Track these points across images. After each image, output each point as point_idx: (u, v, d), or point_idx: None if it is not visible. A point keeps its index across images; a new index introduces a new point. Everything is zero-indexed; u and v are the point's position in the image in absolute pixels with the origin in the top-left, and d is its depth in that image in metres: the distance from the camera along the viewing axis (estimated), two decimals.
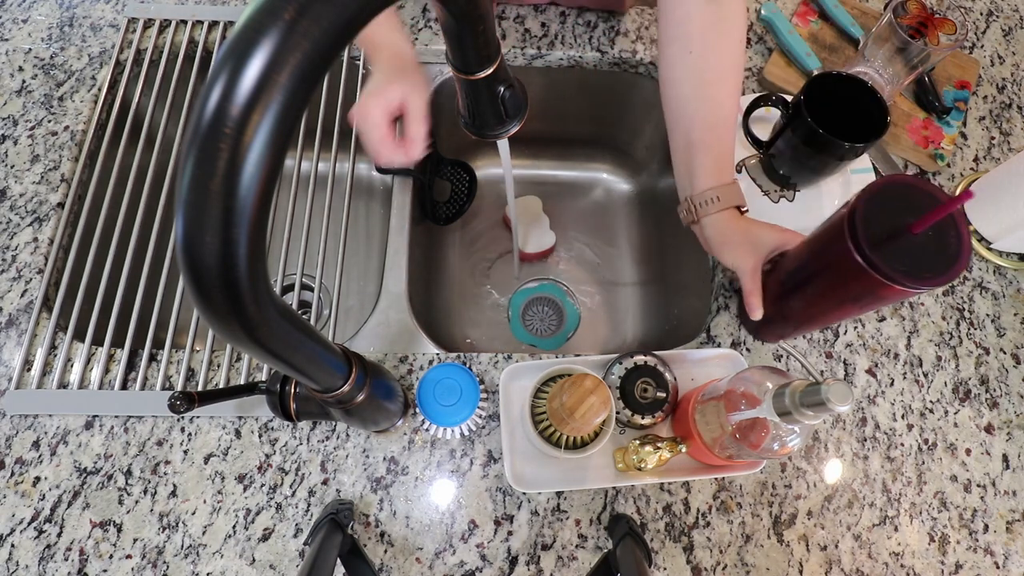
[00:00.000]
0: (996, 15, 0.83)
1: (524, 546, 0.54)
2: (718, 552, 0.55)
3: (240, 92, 0.18)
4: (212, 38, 0.77)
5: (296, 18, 0.19)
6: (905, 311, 0.65)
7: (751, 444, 0.43)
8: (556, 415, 0.47)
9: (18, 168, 0.67)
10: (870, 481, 0.58)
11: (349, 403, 0.40)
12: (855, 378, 0.62)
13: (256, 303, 0.23)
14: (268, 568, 0.52)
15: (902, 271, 0.41)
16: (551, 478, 0.55)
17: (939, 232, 0.43)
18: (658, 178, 0.92)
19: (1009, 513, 0.58)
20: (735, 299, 0.65)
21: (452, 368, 0.55)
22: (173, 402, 0.38)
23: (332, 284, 0.67)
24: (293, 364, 0.29)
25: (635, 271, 0.92)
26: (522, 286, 0.90)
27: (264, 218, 0.21)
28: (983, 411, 0.61)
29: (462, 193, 0.80)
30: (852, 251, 0.43)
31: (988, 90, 0.77)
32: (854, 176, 0.70)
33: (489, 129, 0.44)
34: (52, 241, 0.64)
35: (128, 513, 0.53)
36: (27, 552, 0.52)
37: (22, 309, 0.61)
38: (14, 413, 0.56)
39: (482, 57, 0.37)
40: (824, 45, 0.77)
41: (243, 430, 0.56)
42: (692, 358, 0.59)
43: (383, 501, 0.55)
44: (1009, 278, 0.68)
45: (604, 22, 0.79)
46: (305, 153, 0.85)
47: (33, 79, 0.72)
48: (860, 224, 0.42)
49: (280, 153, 0.20)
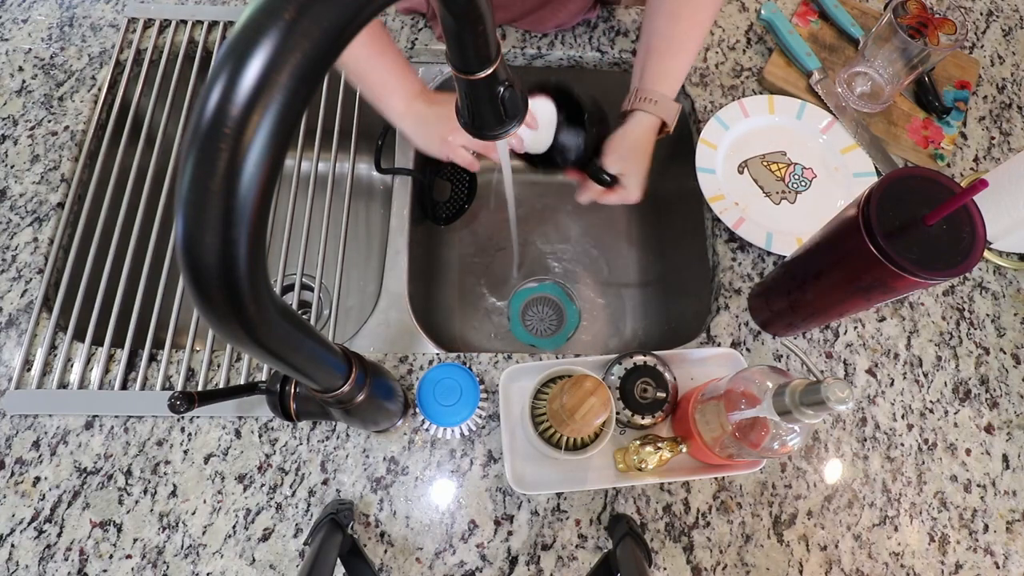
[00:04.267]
0: (996, 15, 0.83)
1: (524, 546, 0.54)
2: (718, 552, 0.55)
3: (240, 92, 0.18)
4: (212, 38, 0.77)
5: (296, 18, 0.19)
6: (905, 311, 0.65)
7: (751, 443, 0.44)
8: (556, 416, 0.47)
9: (18, 168, 0.67)
10: (870, 481, 0.58)
11: (349, 403, 0.40)
12: (855, 378, 0.62)
13: (256, 303, 0.23)
14: (268, 568, 0.52)
15: (915, 262, 0.42)
16: (551, 479, 0.55)
17: (953, 225, 0.43)
18: (658, 178, 0.92)
19: (1009, 513, 0.58)
20: (735, 299, 0.65)
21: (452, 368, 0.55)
22: (173, 402, 0.38)
23: (332, 284, 0.67)
24: (293, 364, 0.29)
25: (635, 271, 0.92)
26: (522, 286, 0.90)
27: (264, 218, 0.21)
28: (983, 411, 0.61)
29: (462, 193, 0.80)
30: (866, 241, 0.43)
31: (988, 90, 0.77)
32: (856, 179, 0.70)
33: (488, 129, 0.44)
34: (52, 241, 0.64)
35: (128, 513, 0.53)
36: (27, 552, 0.52)
37: (22, 309, 0.61)
38: (14, 413, 0.56)
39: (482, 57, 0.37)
40: (824, 45, 0.77)
41: (243, 430, 0.56)
42: (692, 358, 0.59)
43: (383, 501, 0.55)
44: (1009, 278, 0.68)
45: (604, 22, 0.79)
46: (305, 153, 0.85)
47: (33, 79, 0.72)
48: (874, 215, 0.43)
49: (280, 153, 0.20)
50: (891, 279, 0.44)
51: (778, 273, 0.60)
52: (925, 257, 0.42)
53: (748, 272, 0.66)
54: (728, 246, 0.67)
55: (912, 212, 0.43)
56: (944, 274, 0.42)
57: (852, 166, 0.70)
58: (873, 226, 0.43)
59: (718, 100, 0.75)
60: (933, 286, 0.58)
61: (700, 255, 0.71)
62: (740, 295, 0.65)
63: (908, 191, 0.44)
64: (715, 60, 0.77)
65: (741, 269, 0.66)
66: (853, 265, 0.46)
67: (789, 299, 0.57)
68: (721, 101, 0.75)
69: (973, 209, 0.44)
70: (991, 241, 0.68)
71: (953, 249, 0.43)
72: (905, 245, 0.42)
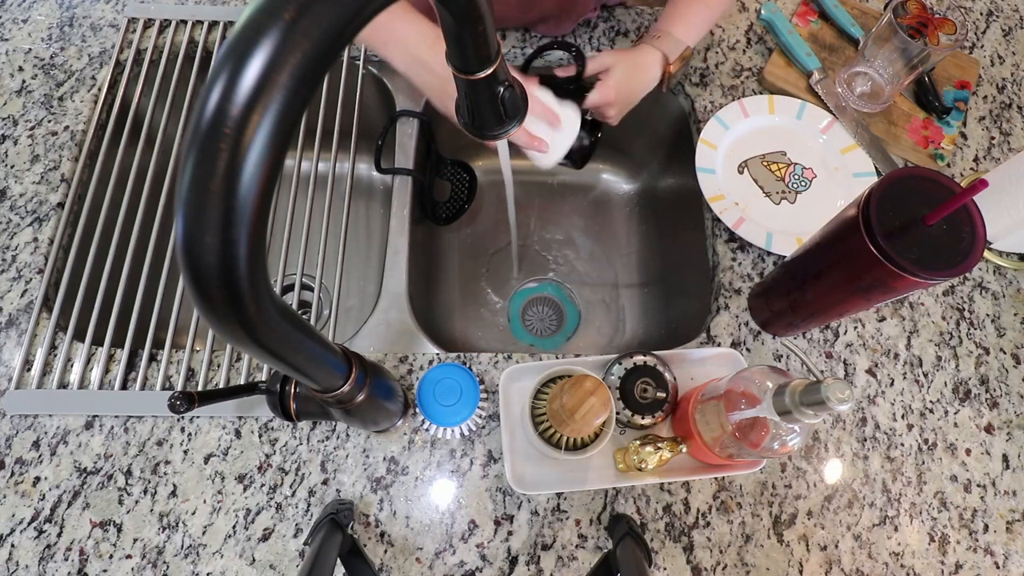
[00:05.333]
0: (996, 15, 0.83)
1: (524, 546, 0.54)
2: (718, 552, 0.55)
3: (240, 92, 0.18)
4: (212, 38, 0.77)
5: (296, 18, 0.19)
6: (905, 311, 0.65)
7: (751, 443, 0.44)
8: (556, 416, 0.47)
9: (18, 168, 0.67)
10: (870, 481, 0.58)
11: (349, 403, 0.40)
12: (855, 378, 0.62)
13: (256, 303, 0.23)
14: (268, 568, 0.52)
15: (915, 261, 0.42)
16: (551, 479, 0.55)
17: (953, 225, 0.43)
18: (658, 178, 0.92)
19: (1009, 513, 0.58)
20: (735, 299, 0.65)
21: (452, 368, 0.55)
22: (173, 402, 0.38)
23: (332, 284, 0.67)
24: (293, 364, 0.29)
25: (635, 271, 0.92)
26: (522, 286, 0.90)
27: (264, 218, 0.21)
28: (983, 411, 0.61)
29: (462, 193, 0.80)
30: (866, 241, 0.43)
31: (988, 90, 0.77)
32: (856, 179, 0.70)
33: (488, 129, 0.44)
34: (52, 241, 0.64)
35: (128, 513, 0.53)
36: (27, 552, 0.52)
37: (22, 309, 0.61)
38: (14, 413, 0.56)
39: (482, 57, 0.37)
40: (824, 45, 0.77)
41: (243, 430, 0.56)
42: (692, 358, 0.59)
43: (383, 501, 0.55)
44: (1009, 278, 0.68)
45: (604, 22, 0.79)
46: (305, 153, 0.85)
47: (33, 79, 0.72)
48: (874, 215, 0.43)
49: (280, 153, 0.20)
50: (891, 279, 0.44)
51: (778, 273, 0.60)
52: (925, 257, 0.42)
53: (748, 272, 0.66)
54: (728, 246, 0.67)
55: (912, 212, 0.43)
56: (944, 274, 0.42)
57: (852, 166, 0.70)
58: (873, 226, 0.43)
59: (718, 100, 0.75)
60: (933, 286, 0.58)
61: (700, 255, 0.71)
62: (740, 295, 0.65)
63: (908, 191, 0.44)
64: (715, 60, 0.77)
65: (741, 269, 0.66)
66: (853, 265, 0.46)
67: (789, 299, 0.57)
68: (721, 101, 0.75)
69: (973, 209, 0.44)
70: (991, 241, 0.68)
71: (953, 249, 0.43)
72: (905, 245, 0.42)
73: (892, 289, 0.45)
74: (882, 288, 0.46)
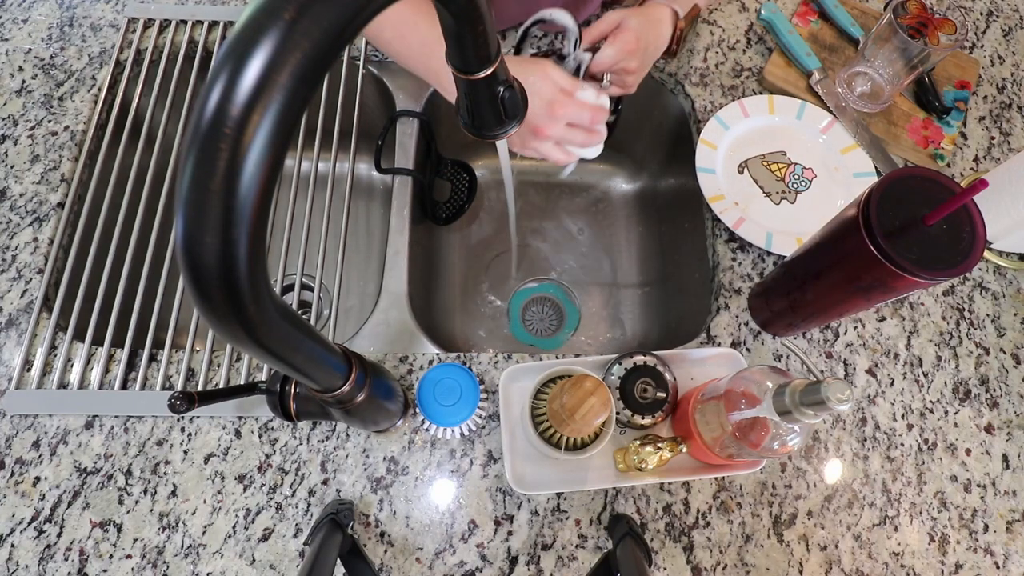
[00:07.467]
0: (996, 15, 0.83)
1: (524, 546, 0.54)
2: (718, 552, 0.55)
3: (240, 92, 0.18)
4: (212, 38, 0.77)
5: (296, 18, 0.19)
6: (905, 311, 0.65)
7: (751, 443, 0.44)
8: (556, 416, 0.47)
9: (18, 168, 0.67)
10: (870, 481, 0.58)
11: (349, 403, 0.40)
12: (855, 378, 0.62)
13: (256, 303, 0.23)
14: (268, 568, 0.52)
15: (915, 261, 0.42)
16: (551, 479, 0.55)
17: (953, 225, 0.43)
18: (658, 178, 0.92)
19: (1009, 513, 0.58)
20: (735, 299, 0.65)
21: (452, 368, 0.55)
22: (173, 402, 0.38)
23: (332, 284, 0.67)
24: (293, 364, 0.29)
25: (635, 271, 0.92)
26: (522, 286, 0.90)
27: (264, 218, 0.21)
28: (983, 411, 0.61)
29: (462, 193, 0.80)
30: (866, 241, 0.43)
31: (988, 90, 0.77)
32: (856, 179, 0.70)
33: (488, 129, 0.44)
34: (52, 241, 0.64)
35: (128, 513, 0.53)
36: (27, 552, 0.52)
37: (22, 309, 0.61)
38: (14, 413, 0.56)
39: (481, 57, 0.37)
40: (824, 45, 0.77)
41: (243, 430, 0.56)
42: (692, 358, 0.59)
43: (383, 501, 0.55)
44: (1009, 278, 0.68)
45: None
46: (305, 153, 0.85)
47: (33, 79, 0.72)
48: (874, 215, 0.43)
49: (280, 153, 0.20)
50: (891, 279, 0.44)
51: (778, 273, 0.60)
52: (925, 257, 0.42)
53: (748, 272, 0.66)
54: (728, 246, 0.67)
55: (912, 212, 0.43)
56: (944, 274, 0.42)
57: (852, 166, 0.70)
58: (873, 226, 0.43)
59: (718, 100, 0.75)
60: (933, 286, 0.58)
61: (700, 255, 0.71)
62: (740, 295, 0.65)
63: (908, 191, 0.44)
64: (715, 60, 0.77)
65: (741, 269, 0.66)
66: (853, 265, 0.46)
67: (789, 299, 0.57)
68: (721, 101, 0.75)
69: (973, 209, 0.44)
70: (991, 241, 0.68)
71: (953, 249, 0.43)
72: (905, 245, 0.42)
73: (892, 289, 0.45)
74: (882, 288, 0.46)
